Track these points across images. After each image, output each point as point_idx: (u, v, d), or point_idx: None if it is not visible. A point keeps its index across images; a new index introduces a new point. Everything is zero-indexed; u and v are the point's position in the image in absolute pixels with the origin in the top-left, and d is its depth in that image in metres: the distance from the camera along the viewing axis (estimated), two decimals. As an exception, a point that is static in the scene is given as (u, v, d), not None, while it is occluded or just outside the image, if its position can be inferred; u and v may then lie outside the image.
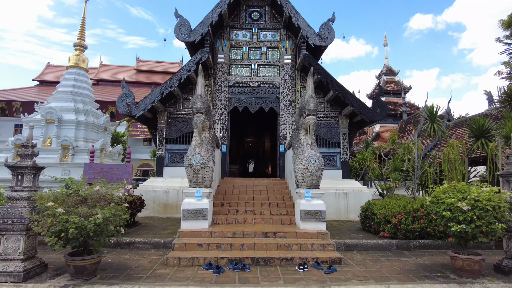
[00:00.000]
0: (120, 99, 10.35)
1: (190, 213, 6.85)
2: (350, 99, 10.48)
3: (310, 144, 7.33)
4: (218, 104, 11.22)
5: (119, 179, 8.82)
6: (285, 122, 11.23)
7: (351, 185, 10.87)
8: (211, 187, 7.39)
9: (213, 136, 8.47)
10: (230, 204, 8.54)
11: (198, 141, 7.24)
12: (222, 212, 8.03)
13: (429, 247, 7.04)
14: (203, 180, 7.04)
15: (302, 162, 7.05)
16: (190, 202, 6.92)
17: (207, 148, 7.23)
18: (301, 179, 7.11)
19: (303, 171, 7.03)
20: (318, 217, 6.90)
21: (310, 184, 7.08)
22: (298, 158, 7.20)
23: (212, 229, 6.81)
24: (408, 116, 24.45)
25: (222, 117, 11.17)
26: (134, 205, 8.23)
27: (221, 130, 11.09)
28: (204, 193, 6.98)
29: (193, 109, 7.11)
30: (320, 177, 7.12)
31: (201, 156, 6.99)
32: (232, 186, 10.03)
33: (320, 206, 6.97)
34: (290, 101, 11.30)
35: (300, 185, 7.17)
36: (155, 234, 7.39)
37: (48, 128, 16.07)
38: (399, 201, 7.85)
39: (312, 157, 7.06)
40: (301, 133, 7.55)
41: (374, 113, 10.56)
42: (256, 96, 11.53)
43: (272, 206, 8.54)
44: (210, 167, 7.09)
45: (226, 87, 11.44)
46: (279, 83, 11.57)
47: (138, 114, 10.28)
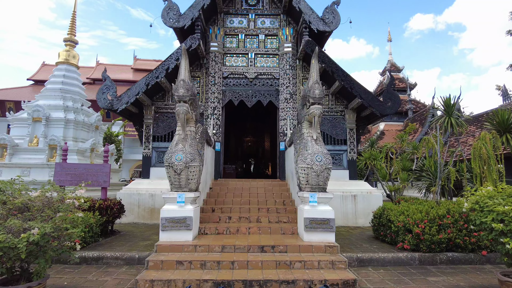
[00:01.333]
0: (101, 92, 9.13)
1: (171, 222, 5.61)
2: (358, 90, 9.23)
3: (315, 139, 6.09)
4: (211, 98, 9.99)
5: (95, 181, 7.60)
6: (285, 116, 9.98)
7: (360, 186, 9.60)
8: (197, 191, 6.16)
9: (202, 131, 7.23)
10: (222, 210, 7.30)
11: (182, 135, 6.01)
12: (211, 220, 6.79)
13: (459, 261, 5.77)
14: (186, 182, 5.80)
15: (306, 160, 5.81)
16: (171, 209, 5.68)
17: (191, 144, 5.99)
18: (304, 180, 5.86)
19: (307, 171, 5.79)
20: (325, 226, 5.65)
21: (316, 187, 5.83)
22: (301, 155, 5.96)
23: (197, 242, 5.56)
24: (414, 113, 23.17)
25: (215, 112, 9.94)
26: (110, 211, 7.00)
27: (214, 126, 9.86)
28: (188, 198, 5.74)
29: (174, 97, 5.89)
30: (327, 178, 5.88)
31: (184, 153, 5.75)
32: (226, 189, 8.79)
33: (327, 213, 5.72)
34: (291, 94, 10.05)
35: (304, 188, 5.92)
36: (131, 246, 6.14)
37: (35, 127, 15.02)
38: (419, 206, 6.59)
39: (317, 154, 5.81)
40: (304, 126, 6.31)
41: (385, 106, 9.31)
42: (253, 88, 10.29)
43: (270, 212, 7.29)
44: (195, 166, 5.85)
45: (220, 79, 10.21)
46: (279, 74, 10.33)
47: (121, 108, 9.06)
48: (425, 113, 21.05)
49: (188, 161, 5.72)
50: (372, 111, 9.39)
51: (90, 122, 15.87)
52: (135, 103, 9.54)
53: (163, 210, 5.68)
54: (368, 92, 9.38)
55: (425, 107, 23.19)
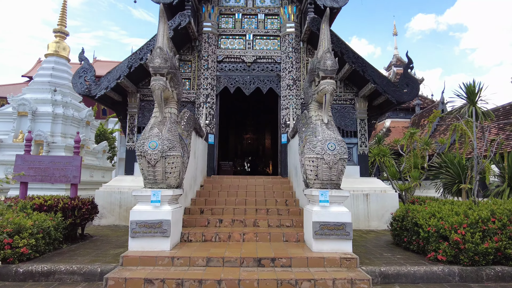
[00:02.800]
0: (77, 75, 7.89)
1: (143, 227, 4.34)
2: (372, 74, 7.96)
3: (326, 123, 4.81)
4: (204, 84, 8.72)
5: (63, 176, 6.35)
6: (287, 105, 8.71)
7: (372, 184, 8.31)
8: (179, 188, 4.89)
9: (188, 117, 5.97)
10: (212, 211, 6.03)
11: (159, 118, 4.75)
12: (198, 223, 5.51)
13: (511, 278, 4.48)
14: (163, 176, 4.53)
15: (315, 149, 4.52)
16: (143, 210, 4.41)
17: (171, 128, 4.72)
18: (313, 174, 4.58)
19: (317, 163, 4.51)
20: (340, 232, 4.37)
21: (327, 183, 4.55)
22: (308, 143, 4.68)
23: (176, 252, 4.28)
24: (422, 109, 21.85)
25: (208, 100, 8.67)
26: (77, 213, 5.73)
27: (208, 116, 8.59)
28: (165, 197, 4.47)
29: (149, 69, 4.63)
30: (341, 171, 4.60)
31: (160, 139, 4.48)
32: (220, 187, 7.51)
33: (343, 216, 4.44)
34: (293, 80, 8.78)
35: (312, 184, 4.64)
36: (98, 256, 4.86)
37: (21, 121, 13.90)
38: (453, 206, 5.30)
39: (330, 141, 4.53)
40: (312, 108, 5.03)
41: (401, 92, 8.03)
42: (251, 74, 9.02)
43: (270, 214, 6.02)
44: (175, 156, 4.58)
45: (214, 63, 8.94)
46: (280, 57, 9.06)
47: (99, 93, 7.81)
48: (435, 109, 19.73)
49: (165, 150, 4.44)
50: (387, 98, 8.11)
51: (80, 117, 14.79)
52: (118, 89, 8.30)
53: (134, 211, 4.42)
54: (382, 76, 8.11)
55: (433, 103, 21.88)
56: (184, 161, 5.33)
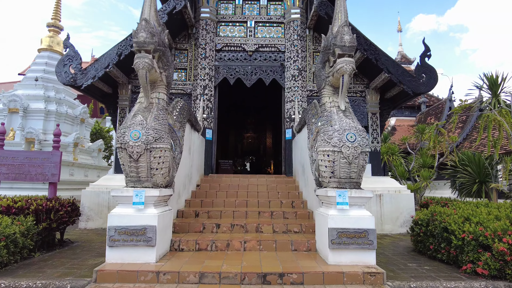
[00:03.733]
0: (61, 63, 7.11)
1: (123, 234, 3.55)
2: (385, 63, 7.17)
3: (344, 110, 4.02)
4: (201, 74, 7.93)
5: (40, 173, 5.57)
6: (292, 98, 7.92)
7: (386, 184, 7.52)
8: (169, 187, 4.11)
9: (182, 106, 5.20)
10: (209, 215, 5.24)
11: (144, 104, 3.96)
12: (192, 229, 4.71)
13: None
14: (149, 173, 3.74)
15: (331, 140, 3.73)
16: (124, 213, 3.63)
17: (158, 116, 3.92)
18: (328, 171, 3.79)
19: (333, 157, 3.71)
20: (362, 241, 3.58)
21: (346, 181, 3.76)
22: (322, 134, 3.88)
23: (162, 265, 3.49)
24: (428, 107, 21.06)
25: (206, 92, 7.88)
26: (54, 216, 4.94)
27: (205, 109, 7.81)
28: (151, 198, 3.68)
29: (133, 45, 3.85)
30: (363, 167, 3.80)
31: (144, 128, 3.69)
32: (218, 186, 6.73)
33: (365, 221, 3.65)
34: (299, 70, 7.99)
35: (327, 183, 3.85)
36: (72, 267, 4.06)
37: (12, 119, 13.20)
38: (490, 209, 4.52)
39: (349, 131, 3.74)
40: (325, 93, 4.24)
41: (418, 82, 7.25)
42: (253, 63, 8.24)
43: (275, 217, 5.23)
44: (162, 150, 3.79)
45: (212, 52, 8.16)
46: (284, 46, 8.28)
47: (86, 83, 7.03)
48: (441, 107, 18.96)
49: (150, 141, 3.65)
50: (401, 89, 7.33)
51: (74, 115, 14.09)
52: (107, 80, 7.52)
53: (112, 215, 3.63)
54: (397, 64, 7.33)
55: (440, 101, 21.09)
56: (175, 156, 4.54)
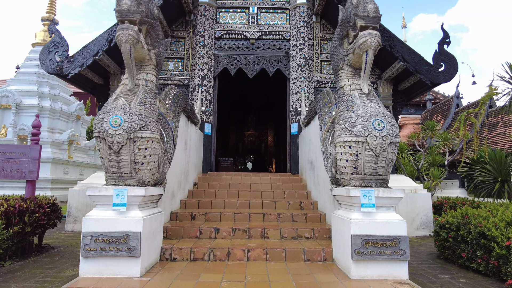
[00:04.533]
0: (46, 50, 6.44)
1: (101, 242, 2.89)
2: (401, 50, 6.51)
3: (367, 94, 3.35)
4: (199, 63, 7.27)
5: (16, 170, 4.90)
6: (298, 89, 7.25)
7: (401, 183, 6.82)
8: (160, 186, 3.45)
9: (175, 94, 4.55)
10: (206, 217, 4.57)
11: (128, 85, 3.29)
12: (188, 234, 4.04)
13: None
14: (132, 168, 3.07)
15: (354, 128, 3.05)
16: (102, 216, 2.96)
17: (145, 100, 3.25)
18: (350, 166, 3.11)
19: (356, 148, 3.03)
20: (392, 250, 2.91)
21: (372, 178, 3.09)
22: (343, 121, 3.20)
23: (148, 281, 2.82)
24: (434, 105, 20.39)
25: (205, 83, 7.21)
26: (29, 218, 4.27)
27: (204, 102, 7.14)
28: (134, 198, 3.00)
29: (115, 15, 3.18)
30: (392, 161, 3.13)
31: (127, 114, 3.01)
32: (218, 185, 6.06)
33: (396, 226, 2.98)
34: (305, 59, 7.32)
35: (348, 181, 3.18)
36: (44, 280, 3.38)
37: (4, 115, 12.65)
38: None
39: (376, 117, 3.06)
40: (343, 74, 3.56)
41: (436, 71, 6.59)
42: (255, 52, 7.57)
43: (283, 220, 4.56)
44: (149, 140, 3.12)
45: (212, 40, 7.50)
46: (290, 33, 7.61)
47: (73, 72, 6.36)
48: (448, 104, 18.29)
49: (134, 129, 2.98)
50: (417, 80, 6.68)
51: (69, 111, 13.52)
52: (97, 69, 6.85)
53: (88, 219, 2.97)
54: (413, 52, 6.67)
55: (446, 98, 20.42)
56: (167, 149, 3.88)
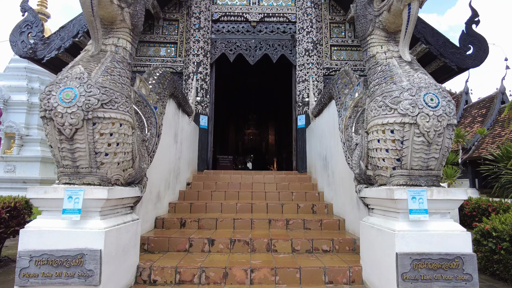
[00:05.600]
0: (17, 31, 5.60)
1: (45, 264, 2.03)
2: (422, 31, 5.68)
3: (410, 62, 2.52)
4: (194, 48, 6.43)
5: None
6: (306, 77, 6.41)
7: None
8: (135, 185, 2.61)
9: (161, 75, 3.73)
10: (199, 224, 3.72)
11: (90, 51, 2.45)
12: (174, 246, 3.19)
13: None
14: (93, 161, 2.22)
15: (399, 105, 2.20)
16: (48, 228, 2.10)
17: (112, 69, 2.40)
18: (391, 157, 2.27)
19: (402, 133, 2.19)
20: (453, 274, 2.07)
21: (422, 173, 2.24)
22: (380, 97, 2.35)
23: (110, 321, 1.99)
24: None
25: (200, 70, 6.37)
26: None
27: (199, 91, 6.31)
28: (94, 202, 2.15)
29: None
30: (448, 150, 2.29)
31: (84, 85, 2.17)
32: (214, 185, 5.22)
33: (457, 240, 2.13)
34: (314, 43, 6.48)
35: (387, 177, 2.33)
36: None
37: (-9, 111, 11.61)
38: None
39: (427, 90, 2.22)
40: (374, 40, 2.71)
41: (463, 55, 5.76)
42: (257, 36, 6.74)
43: (293, 228, 3.71)
44: (117, 122, 2.27)
45: (208, 22, 6.66)
46: (296, 15, 6.78)
47: (48, 56, 5.52)
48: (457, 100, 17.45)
49: (94, 106, 2.13)
50: (443, 64, 5.85)
51: (61, 108, 12.57)
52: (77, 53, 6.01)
53: (26, 231, 2.10)
54: (437, 33, 5.84)
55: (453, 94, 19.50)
56: (148, 139, 3.04)
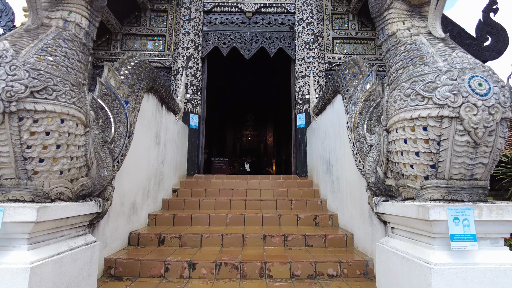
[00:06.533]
0: (-15, 21, 5.04)
1: None
2: (436, 20, 5.11)
3: (443, 39, 1.95)
4: (184, 41, 5.86)
5: None
6: (306, 72, 5.85)
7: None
8: (91, 198, 2.03)
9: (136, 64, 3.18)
10: (181, 240, 3.13)
11: (26, 24, 1.89)
12: (146, 271, 2.60)
13: None
14: (20, 169, 1.62)
15: (434, 93, 1.62)
16: None
17: (55, 48, 1.82)
18: (422, 162, 1.69)
19: (439, 130, 1.61)
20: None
21: (465, 184, 1.66)
22: (407, 82, 1.78)
23: None
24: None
25: (190, 64, 5.81)
26: None
27: (189, 87, 5.74)
28: (19, 225, 1.56)
29: None
30: (499, 154, 1.72)
31: (6, 66, 1.61)
32: (204, 192, 4.63)
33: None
34: (314, 35, 5.93)
35: (417, 190, 1.75)
36: None
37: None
38: None
39: (472, 71, 1.65)
40: (393, 16, 2.14)
41: (480, 46, 5.22)
42: (253, 28, 6.17)
43: (292, 245, 3.13)
44: (55, 116, 1.69)
45: (199, 13, 6.10)
46: (294, 5, 6.22)
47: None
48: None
49: (19, 94, 1.55)
50: (457, 57, 5.27)
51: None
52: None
53: None
54: (451, 22, 5.32)
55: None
56: (115, 139, 2.48)
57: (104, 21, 5.64)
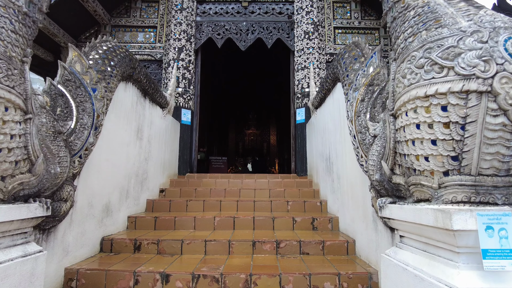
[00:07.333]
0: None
1: None
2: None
3: (465, -3, 1.56)
4: (175, 32, 5.51)
5: None
6: (305, 63, 5.45)
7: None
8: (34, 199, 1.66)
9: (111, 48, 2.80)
10: (159, 247, 2.77)
11: None
12: (112, 283, 2.23)
13: None
14: None
15: (456, 60, 1.22)
16: None
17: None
18: (441, 153, 1.29)
19: (463, 109, 1.23)
20: None
21: (498, 181, 1.27)
22: (420, 51, 1.38)
23: None
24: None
25: (182, 56, 5.45)
26: None
27: (181, 80, 5.38)
28: None
29: None
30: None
31: None
32: (194, 192, 4.27)
33: None
34: (314, 24, 5.53)
35: (434, 188, 1.35)
36: None
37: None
38: None
39: (507, 32, 1.27)
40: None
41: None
42: (249, 18, 5.80)
43: (285, 253, 2.74)
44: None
45: (192, 3, 5.74)
46: (293, -7, 5.84)
47: None
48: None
49: None
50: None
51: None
52: (44, 42, 5.16)
53: None
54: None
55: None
56: (76, 131, 2.14)
57: (91, 12, 5.33)
